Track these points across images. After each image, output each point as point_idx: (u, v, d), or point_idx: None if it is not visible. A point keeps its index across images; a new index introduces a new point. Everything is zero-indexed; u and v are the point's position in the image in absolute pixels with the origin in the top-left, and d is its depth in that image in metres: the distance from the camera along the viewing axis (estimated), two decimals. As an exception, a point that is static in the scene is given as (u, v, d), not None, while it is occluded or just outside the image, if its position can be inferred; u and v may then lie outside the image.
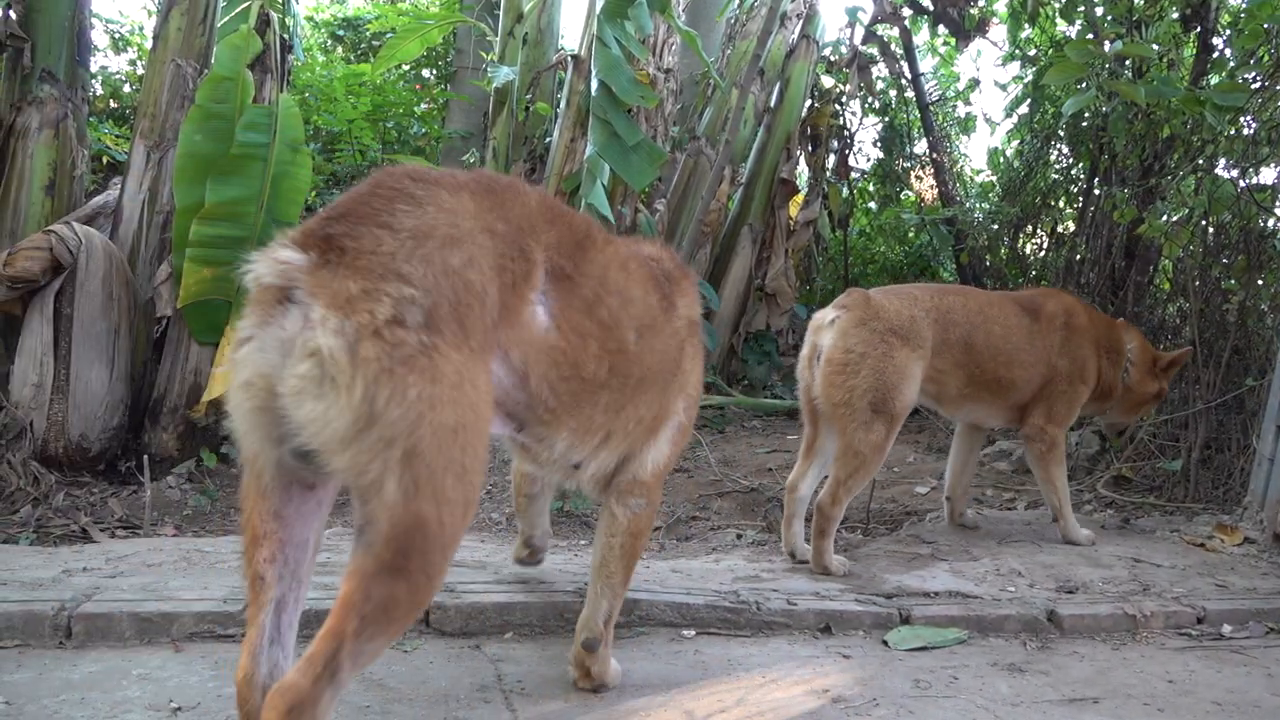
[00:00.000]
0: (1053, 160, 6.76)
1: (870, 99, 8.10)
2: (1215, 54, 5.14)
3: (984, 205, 7.79)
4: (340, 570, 1.67)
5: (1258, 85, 4.29)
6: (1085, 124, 5.93)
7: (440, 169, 1.83)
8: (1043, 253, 7.05)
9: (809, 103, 7.46)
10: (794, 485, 3.44)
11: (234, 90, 4.06)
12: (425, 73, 10.43)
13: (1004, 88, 8.98)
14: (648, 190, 6.73)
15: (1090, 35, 4.66)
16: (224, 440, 4.24)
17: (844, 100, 7.76)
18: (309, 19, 10.55)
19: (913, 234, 8.60)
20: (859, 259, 8.94)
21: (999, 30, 7.34)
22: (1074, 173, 6.61)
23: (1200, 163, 4.78)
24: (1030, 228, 7.11)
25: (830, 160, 7.91)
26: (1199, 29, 5.18)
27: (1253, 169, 4.78)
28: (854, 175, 8.76)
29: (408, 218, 1.57)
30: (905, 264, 8.60)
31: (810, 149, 7.65)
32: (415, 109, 9.73)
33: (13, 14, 4.07)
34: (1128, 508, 4.41)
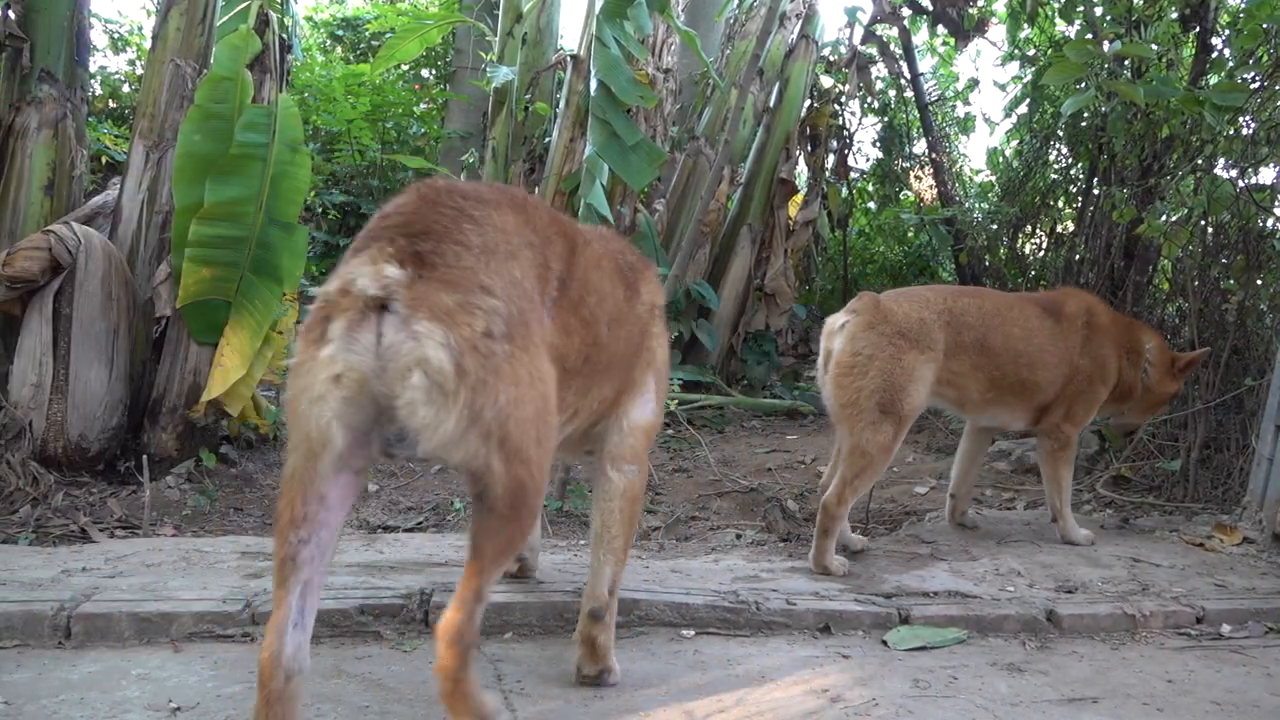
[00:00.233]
0: (1052, 160, 6.76)
1: (869, 99, 8.11)
2: (1214, 54, 5.14)
3: (983, 205, 7.80)
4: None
5: (1256, 85, 4.29)
6: (1084, 124, 5.92)
7: (472, 184, 2.06)
8: (1042, 253, 7.05)
9: (808, 103, 7.46)
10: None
11: (233, 90, 4.05)
12: (424, 73, 10.43)
13: (1003, 88, 8.98)
14: (647, 190, 6.74)
15: (1089, 35, 4.66)
16: (223, 440, 4.24)
17: (843, 100, 7.77)
18: (308, 19, 10.55)
19: (912, 234, 8.60)
20: (858, 259, 8.94)
21: (998, 30, 7.35)
22: (1073, 173, 6.60)
23: (1199, 163, 4.78)
24: (1029, 228, 7.11)
25: (829, 160, 7.92)
26: (1198, 29, 5.18)
27: (1252, 169, 4.77)
28: (853, 175, 8.77)
29: (475, 235, 1.82)
30: (904, 264, 8.60)
31: (809, 149, 7.65)
32: (414, 109, 9.73)
33: (12, 14, 4.07)
34: (1127, 507, 4.41)
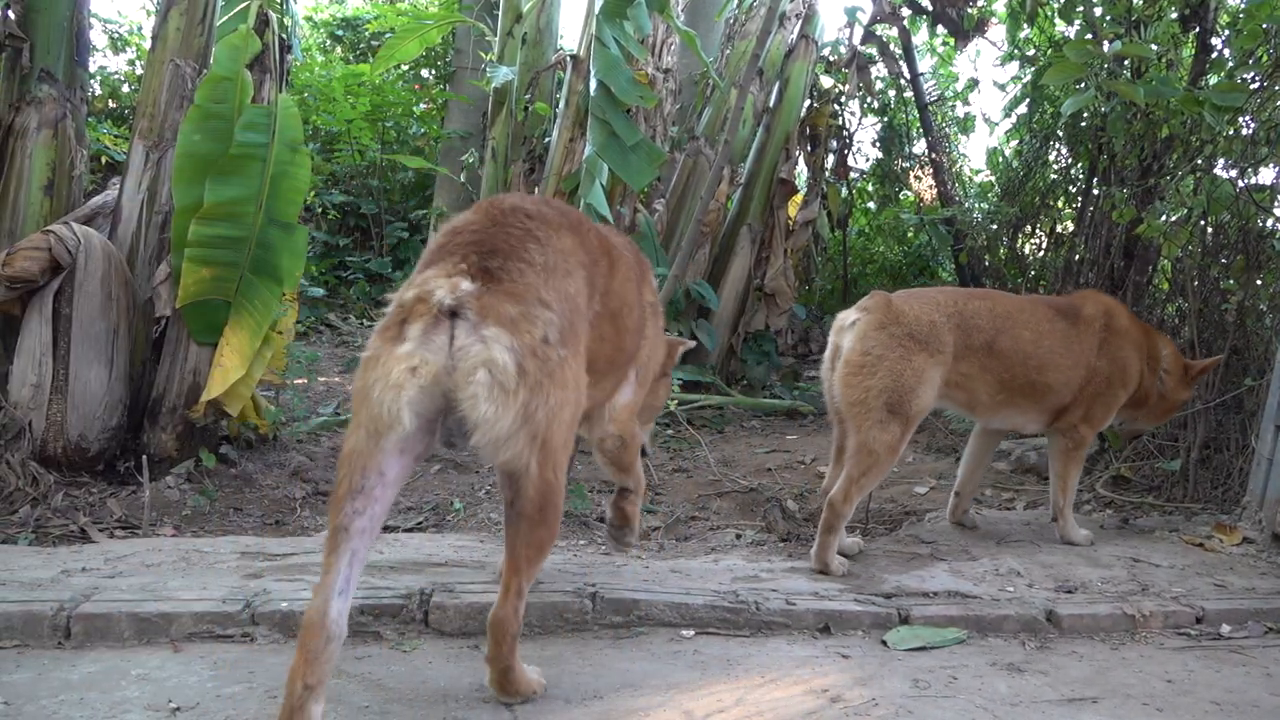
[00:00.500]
0: (1051, 160, 6.74)
1: (869, 99, 8.10)
2: (1214, 54, 5.13)
3: (983, 205, 7.78)
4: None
5: (1256, 85, 4.29)
6: (1084, 124, 5.92)
7: (534, 202, 2.29)
8: (1042, 253, 7.04)
9: (808, 103, 7.45)
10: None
11: (233, 90, 4.04)
12: (424, 73, 10.44)
13: (1003, 88, 8.95)
14: (647, 190, 6.74)
15: (1089, 35, 4.66)
16: (223, 440, 4.23)
17: (843, 100, 7.76)
18: (308, 19, 10.56)
19: (912, 234, 8.59)
20: (858, 259, 8.94)
21: (998, 30, 7.34)
22: (1073, 173, 6.59)
23: (1199, 163, 4.77)
24: (1029, 228, 7.09)
25: (829, 160, 7.91)
26: (1198, 29, 5.17)
27: (1251, 169, 4.77)
28: (853, 175, 8.77)
29: (538, 254, 2.07)
30: (904, 264, 8.60)
31: (809, 149, 7.64)
32: (414, 109, 9.74)
33: (11, 14, 4.06)
34: (1127, 507, 4.41)
